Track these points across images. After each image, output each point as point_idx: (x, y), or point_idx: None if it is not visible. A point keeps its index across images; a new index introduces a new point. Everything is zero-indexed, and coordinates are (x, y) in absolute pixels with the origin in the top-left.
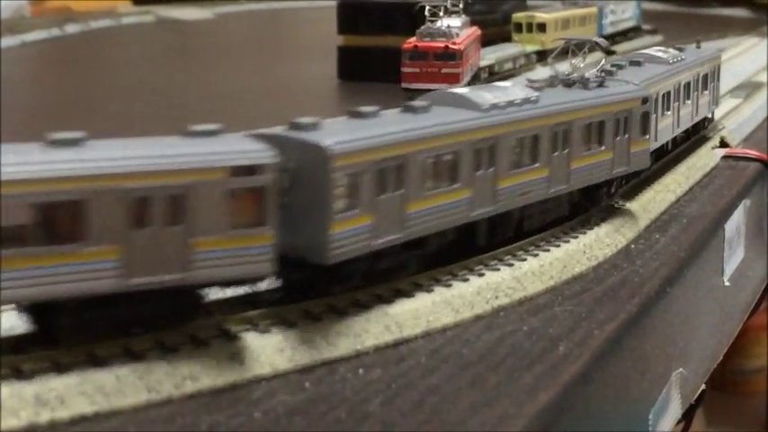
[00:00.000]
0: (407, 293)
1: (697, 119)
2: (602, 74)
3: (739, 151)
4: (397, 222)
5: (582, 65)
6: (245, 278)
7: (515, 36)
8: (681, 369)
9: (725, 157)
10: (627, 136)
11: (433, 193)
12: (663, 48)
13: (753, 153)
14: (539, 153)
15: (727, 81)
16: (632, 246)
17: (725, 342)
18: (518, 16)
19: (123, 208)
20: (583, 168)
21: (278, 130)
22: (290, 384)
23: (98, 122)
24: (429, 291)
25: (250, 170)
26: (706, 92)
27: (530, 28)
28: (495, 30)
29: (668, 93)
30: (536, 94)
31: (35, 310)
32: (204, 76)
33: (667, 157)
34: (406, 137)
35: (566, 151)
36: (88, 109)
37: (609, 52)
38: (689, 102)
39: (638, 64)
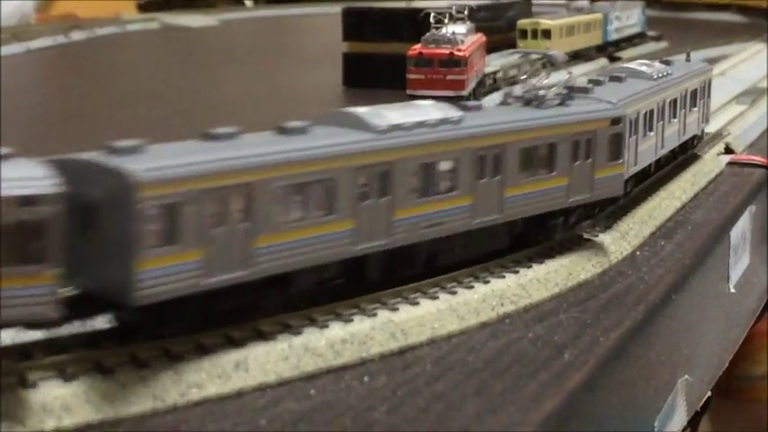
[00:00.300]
0: (413, 301)
1: (684, 138)
2: (567, 91)
3: (744, 158)
4: (240, 258)
5: (545, 81)
6: (24, 321)
7: (520, 42)
8: (686, 376)
9: (730, 164)
10: (590, 160)
11: (296, 226)
12: (648, 61)
13: (758, 159)
14: (458, 179)
15: (732, 87)
16: (637, 253)
17: (730, 349)
18: (523, 23)
19: None
20: (524, 196)
21: (88, 154)
22: (296, 392)
23: (103, 129)
24: (434, 298)
25: (25, 201)
26: (695, 109)
27: (535, 34)
28: (500, 36)
29: (651, 111)
30: (459, 114)
31: None
32: (209, 83)
33: (649, 180)
34: (252, 162)
35: (497, 177)
36: (93, 116)
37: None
38: (675, 120)
39: (618, 80)
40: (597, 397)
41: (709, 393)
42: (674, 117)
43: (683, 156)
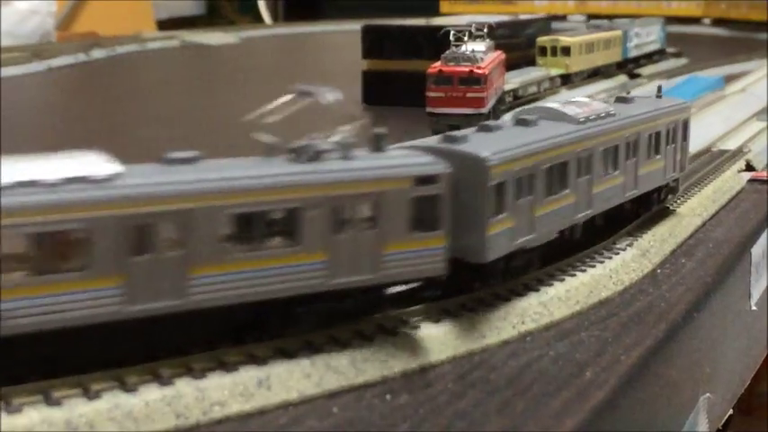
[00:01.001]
0: (434, 319)
1: (636, 193)
2: (347, 142)
3: (765, 175)
4: None
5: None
6: None
7: (540, 59)
8: (708, 394)
9: (751, 181)
10: (375, 230)
11: None
12: (586, 99)
13: None
14: (94, 255)
15: (752, 104)
16: (658, 270)
17: (752, 366)
18: (542, 40)
19: None
20: (234, 277)
21: None
22: (318, 410)
23: (124, 147)
24: (455, 316)
25: None
26: (658, 156)
27: (554, 51)
28: (519, 53)
29: (563, 164)
30: (112, 171)
31: None
32: (229, 101)
33: (584, 253)
34: None
35: (177, 253)
36: (114, 134)
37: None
38: (616, 173)
39: (524, 124)
40: (619, 415)
41: (731, 411)
42: (615, 168)
43: (648, 212)
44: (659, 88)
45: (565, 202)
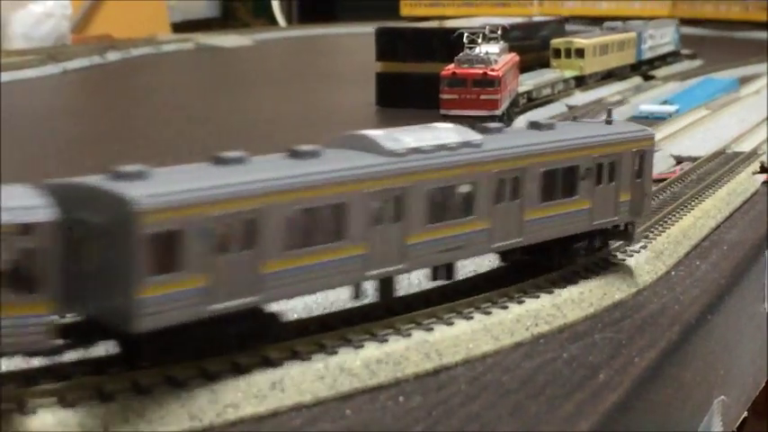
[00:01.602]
0: (447, 321)
1: (517, 242)
2: None
3: None
4: None
5: None
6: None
7: (554, 62)
8: (722, 396)
9: (765, 183)
10: None
11: None
12: (445, 126)
13: None
14: None
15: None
16: (672, 272)
17: (766, 368)
18: (556, 42)
19: None
20: None
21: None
22: (331, 412)
23: (138, 150)
24: (469, 318)
25: None
26: (574, 197)
27: (568, 53)
28: (533, 55)
29: (337, 207)
30: None
31: None
32: (243, 103)
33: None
34: None
35: None
36: (129, 136)
37: None
38: (470, 217)
39: (296, 156)
40: (632, 418)
41: (745, 413)
42: (467, 212)
43: (572, 265)
44: (609, 112)
45: (338, 256)
